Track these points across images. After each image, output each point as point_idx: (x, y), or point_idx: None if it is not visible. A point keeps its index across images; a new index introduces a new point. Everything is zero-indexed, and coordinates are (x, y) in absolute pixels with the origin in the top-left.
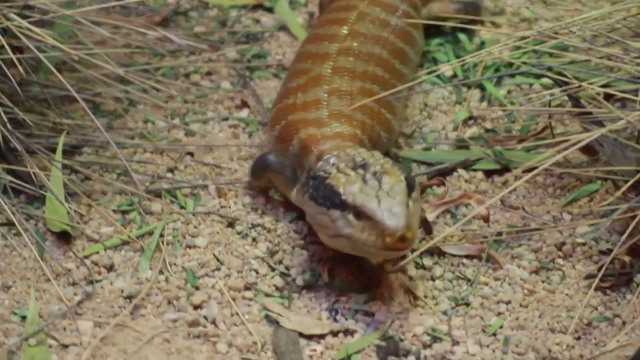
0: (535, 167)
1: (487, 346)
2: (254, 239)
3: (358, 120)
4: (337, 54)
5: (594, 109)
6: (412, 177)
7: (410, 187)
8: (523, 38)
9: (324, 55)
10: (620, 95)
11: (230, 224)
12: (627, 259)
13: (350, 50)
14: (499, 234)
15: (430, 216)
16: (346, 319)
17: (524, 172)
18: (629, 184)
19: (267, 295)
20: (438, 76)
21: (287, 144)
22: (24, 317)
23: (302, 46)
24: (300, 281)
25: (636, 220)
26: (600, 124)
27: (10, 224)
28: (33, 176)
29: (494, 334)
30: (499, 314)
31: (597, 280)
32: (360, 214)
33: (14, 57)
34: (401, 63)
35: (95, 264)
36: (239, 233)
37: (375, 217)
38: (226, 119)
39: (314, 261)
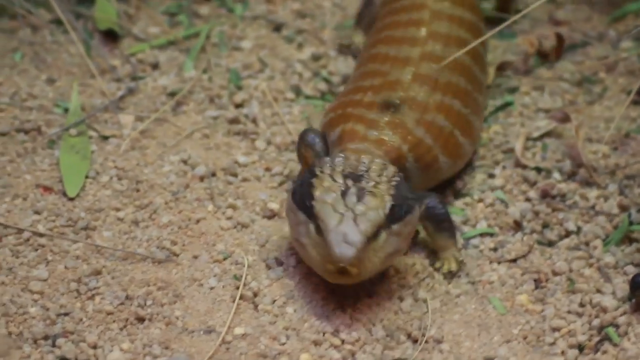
0: None
1: (527, 149)
2: (299, 44)
3: (415, 137)
4: (419, 58)
5: None
6: (405, 206)
7: (395, 218)
8: None
9: (405, 59)
10: None
11: (277, 29)
12: None
13: (434, 55)
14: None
15: None
16: None
17: None
18: None
19: (308, 97)
20: None
21: (331, 130)
22: (66, 110)
23: (369, 49)
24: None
25: None
26: None
27: (59, 21)
28: None
29: (534, 139)
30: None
31: (634, 91)
32: (318, 227)
33: None
34: (480, 70)
35: (141, 62)
36: (284, 37)
37: (326, 237)
38: None
39: None
